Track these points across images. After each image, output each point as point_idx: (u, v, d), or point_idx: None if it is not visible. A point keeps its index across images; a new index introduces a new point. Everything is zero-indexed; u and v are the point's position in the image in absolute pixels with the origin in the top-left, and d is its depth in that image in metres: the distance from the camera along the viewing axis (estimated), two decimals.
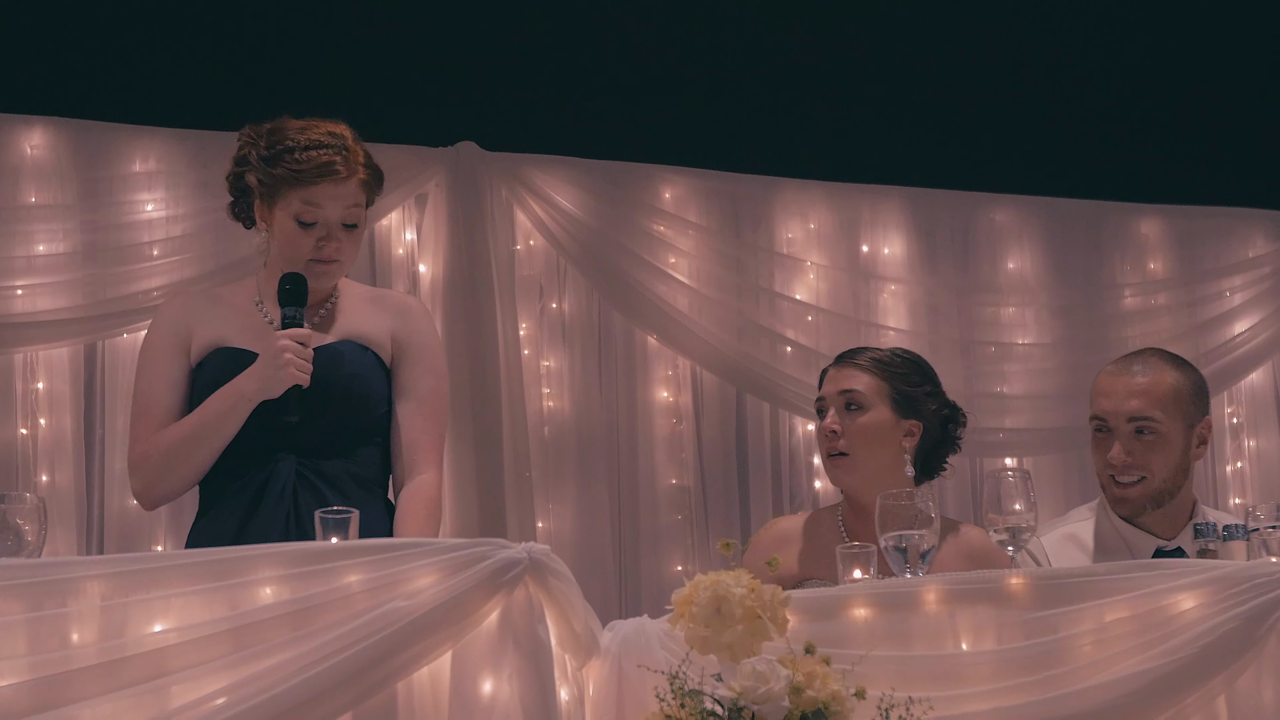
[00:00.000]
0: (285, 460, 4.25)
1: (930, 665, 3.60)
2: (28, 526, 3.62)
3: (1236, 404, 7.42)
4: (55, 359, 6.22)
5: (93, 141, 6.34)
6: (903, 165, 7.18)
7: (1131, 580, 3.67)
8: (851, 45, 7.19)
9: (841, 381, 4.68)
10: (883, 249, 7.15)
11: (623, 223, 6.83)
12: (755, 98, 7.09)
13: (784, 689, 3.37)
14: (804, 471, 6.93)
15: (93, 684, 3.27)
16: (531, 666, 3.44)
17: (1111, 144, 7.37)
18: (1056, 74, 7.35)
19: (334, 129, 4.36)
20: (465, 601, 3.41)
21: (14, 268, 6.17)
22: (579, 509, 6.64)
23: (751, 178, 7.06)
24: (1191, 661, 3.59)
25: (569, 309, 6.79)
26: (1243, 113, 7.44)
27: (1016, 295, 7.24)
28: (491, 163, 6.69)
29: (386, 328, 4.43)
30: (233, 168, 4.43)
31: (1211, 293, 7.41)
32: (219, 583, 3.38)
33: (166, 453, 4.24)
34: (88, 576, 3.37)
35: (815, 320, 6.98)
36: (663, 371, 6.85)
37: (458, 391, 6.45)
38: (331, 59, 6.55)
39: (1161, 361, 4.80)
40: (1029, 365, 7.18)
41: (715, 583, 3.45)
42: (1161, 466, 4.73)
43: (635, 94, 6.95)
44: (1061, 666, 3.59)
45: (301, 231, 4.31)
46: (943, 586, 3.65)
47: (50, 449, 6.16)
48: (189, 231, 6.32)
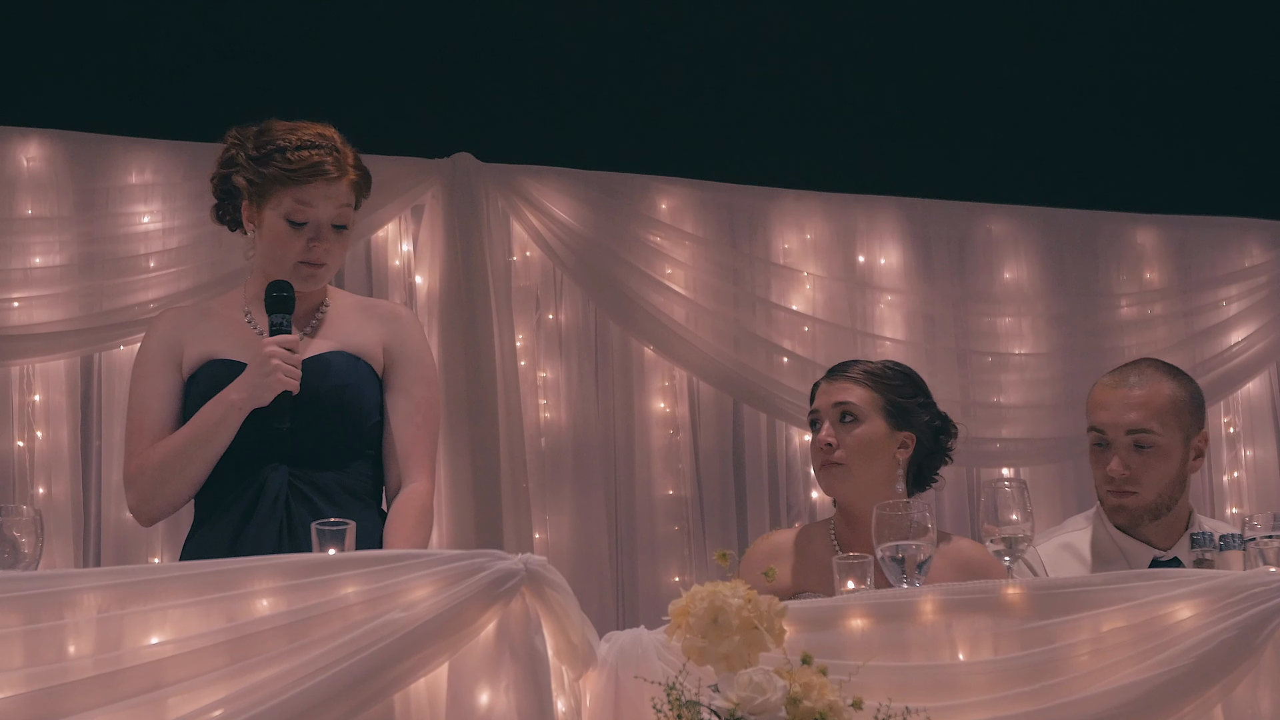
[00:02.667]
0: (277, 470, 4.24)
1: (927, 675, 3.60)
2: (24, 539, 3.62)
3: (1233, 414, 7.42)
4: (52, 371, 6.22)
5: (89, 153, 6.34)
6: (899, 176, 7.18)
7: (1128, 590, 3.67)
8: (847, 56, 7.20)
9: (835, 394, 4.68)
10: (879, 259, 7.15)
11: (619, 233, 6.83)
12: (751, 108, 7.10)
13: (781, 700, 3.36)
14: (801, 482, 6.93)
15: (90, 696, 3.27)
16: (528, 677, 3.44)
17: (1107, 154, 7.38)
18: (1052, 84, 7.36)
19: (323, 130, 4.36)
20: (462, 613, 3.41)
21: (10, 280, 6.17)
22: (576, 520, 6.63)
23: (747, 188, 7.06)
24: (1188, 671, 3.59)
25: (565, 320, 6.79)
26: (1239, 122, 7.45)
27: (1013, 305, 7.24)
28: (487, 174, 6.69)
29: (378, 337, 4.43)
30: (219, 170, 4.41)
31: (1208, 302, 7.41)
32: (216, 594, 3.38)
33: (160, 466, 4.23)
34: (84, 589, 3.37)
35: (812, 330, 6.98)
36: (659, 382, 6.85)
37: (454, 402, 6.45)
38: (328, 71, 6.55)
39: (1158, 373, 4.79)
40: (1025, 375, 7.18)
41: (712, 593, 3.45)
42: (1159, 479, 4.73)
43: (631, 105, 6.96)
44: (1058, 676, 3.59)
45: (292, 231, 4.30)
46: (939, 597, 3.65)
47: (47, 461, 6.16)
48: (185, 243, 6.32)
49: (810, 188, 7.10)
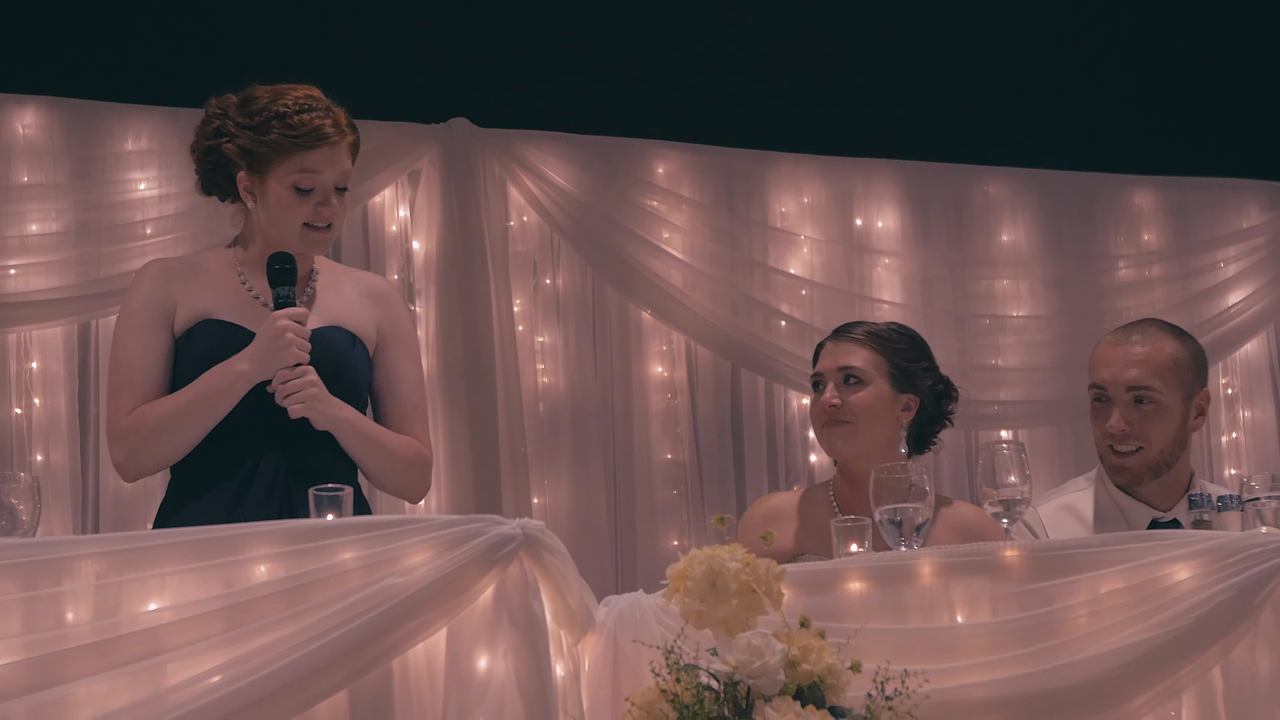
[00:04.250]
0: (272, 449, 4.21)
1: (925, 638, 3.60)
2: (22, 506, 3.62)
3: (1231, 375, 7.43)
4: (49, 338, 6.22)
5: (85, 120, 6.34)
6: (896, 138, 7.17)
7: (1126, 551, 3.67)
8: (843, 18, 7.18)
9: (839, 357, 4.66)
10: (876, 222, 7.15)
11: (616, 198, 6.82)
12: (748, 72, 7.08)
13: (779, 663, 3.37)
14: (799, 445, 6.94)
15: (88, 662, 3.28)
16: (527, 642, 3.44)
17: (1105, 115, 7.37)
18: (1049, 46, 7.34)
19: (309, 91, 4.30)
20: (460, 578, 3.41)
21: (7, 247, 6.17)
22: (574, 485, 6.64)
23: (744, 152, 7.05)
24: (1186, 632, 3.59)
25: (563, 285, 6.79)
26: (1236, 83, 7.44)
27: (1010, 268, 7.24)
28: (484, 139, 6.68)
29: (372, 318, 4.41)
30: (205, 141, 4.34)
31: (1206, 264, 7.42)
32: (213, 561, 3.38)
33: (156, 427, 4.19)
34: (82, 555, 3.37)
35: (809, 294, 6.98)
36: (657, 347, 6.85)
37: (452, 368, 6.46)
38: (323, 35, 6.53)
39: (1160, 331, 4.80)
40: (1023, 338, 7.18)
41: (710, 557, 3.46)
42: (1160, 436, 4.73)
43: (628, 70, 6.94)
44: (1057, 638, 3.60)
45: (299, 198, 4.26)
46: (937, 559, 3.65)
47: (45, 428, 6.17)
48: (182, 210, 6.31)
49: (807, 151, 7.10)
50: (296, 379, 4.15)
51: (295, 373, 4.15)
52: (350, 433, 4.23)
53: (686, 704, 3.37)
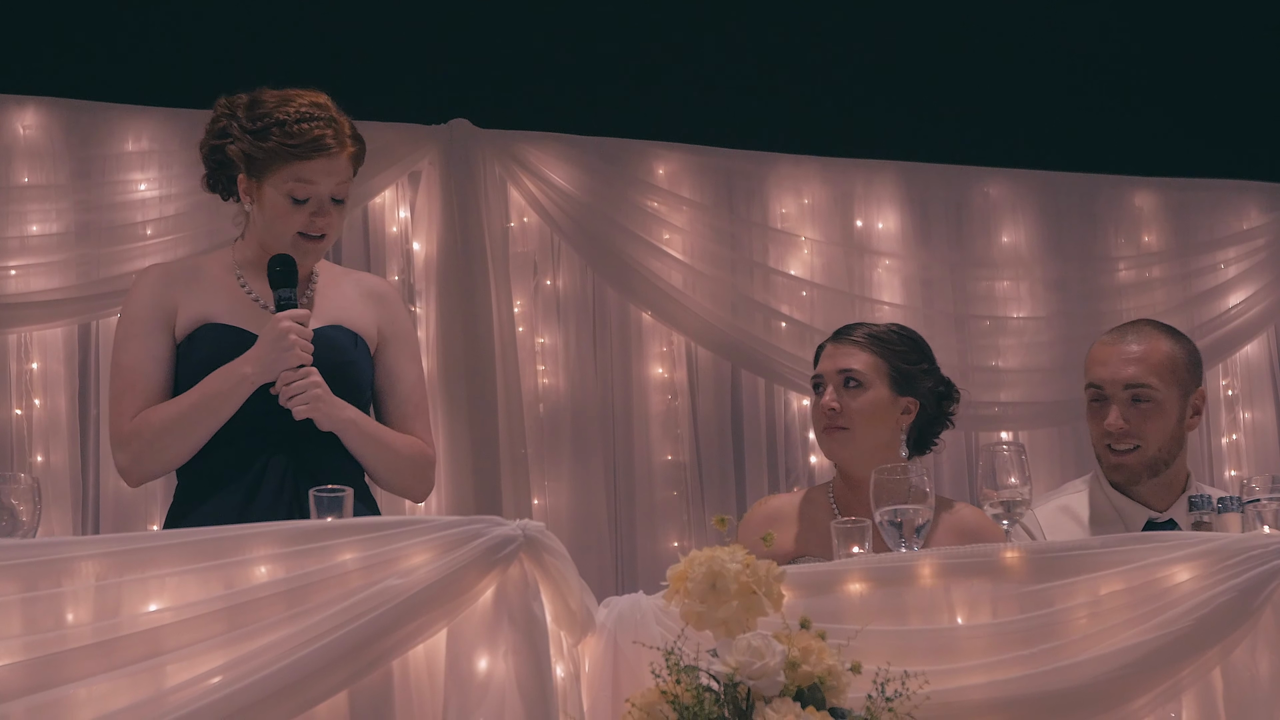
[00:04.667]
0: (280, 450, 4.21)
1: (926, 639, 3.60)
2: (22, 506, 3.62)
3: (1232, 376, 7.43)
4: (49, 339, 6.22)
5: (85, 121, 6.34)
6: (896, 139, 7.17)
7: (1126, 553, 3.67)
8: (843, 19, 7.18)
9: (840, 359, 4.65)
10: (877, 224, 7.15)
11: (617, 199, 6.82)
12: (748, 73, 7.08)
13: (779, 664, 3.37)
14: (799, 446, 6.94)
15: (88, 663, 3.28)
16: (527, 643, 3.44)
17: (1105, 117, 7.37)
18: (1049, 47, 7.34)
19: (316, 99, 4.29)
20: (460, 579, 3.41)
21: (7, 248, 6.17)
22: (574, 486, 6.64)
23: (745, 153, 7.05)
24: (1186, 634, 3.60)
25: (563, 286, 6.79)
26: (1236, 85, 7.44)
27: (1011, 269, 7.24)
28: (485, 140, 6.68)
29: (373, 318, 4.41)
30: (211, 140, 4.35)
31: (1206, 265, 7.42)
32: (213, 562, 3.38)
33: (160, 431, 4.19)
34: (83, 556, 3.37)
35: (810, 295, 6.98)
36: (657, 348, 6.85)
37: (453, 369, 6.46)
38: (324, 36, 6.53)
39: (1156, 331, 4.81)
40: (1023, 339, 7.18)
41: (710, 558, 3.46)
42: (1157, 434, 4.73)
43: (628, 70, 6.94)
44: (1057, 640, 3.60)
45: (294, 207, 4.26)
46: (938, 561, 3.66)
47: (45, 429, 6.17)
48: (182, 210, 6.31)
49: (808, 152, 7.09)
50: (300, 380, 4.15)
51: (299, 374, 4.15)
52: (355, 433, 4.23)
53: (687, 705, 3.37)
